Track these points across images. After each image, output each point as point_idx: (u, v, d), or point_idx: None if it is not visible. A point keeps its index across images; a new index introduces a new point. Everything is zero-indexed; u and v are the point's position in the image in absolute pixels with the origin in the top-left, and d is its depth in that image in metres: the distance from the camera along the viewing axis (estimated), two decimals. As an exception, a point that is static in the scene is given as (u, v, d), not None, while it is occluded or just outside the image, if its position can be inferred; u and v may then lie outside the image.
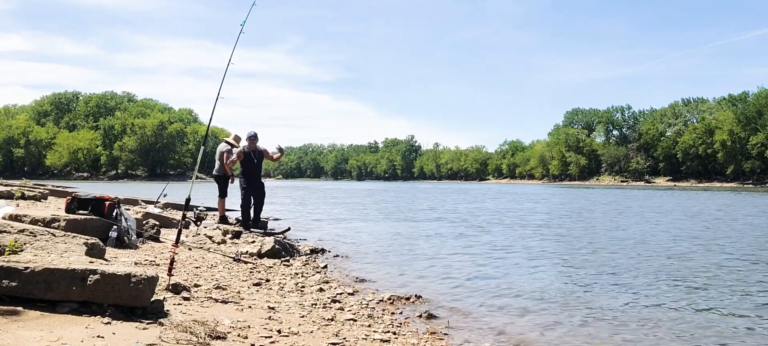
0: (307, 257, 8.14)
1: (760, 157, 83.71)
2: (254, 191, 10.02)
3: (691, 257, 8.82)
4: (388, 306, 5.39)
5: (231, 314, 4.22)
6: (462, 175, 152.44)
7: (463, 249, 9.77)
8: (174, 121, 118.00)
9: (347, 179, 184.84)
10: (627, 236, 11.78)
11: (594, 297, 5.97)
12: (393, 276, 7.14)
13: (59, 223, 6.23)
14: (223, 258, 7.09)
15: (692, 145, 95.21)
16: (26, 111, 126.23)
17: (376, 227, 13.98)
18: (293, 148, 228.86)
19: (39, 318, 3.25)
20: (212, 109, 5.92)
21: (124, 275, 3.56)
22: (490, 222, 15.55)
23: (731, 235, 12.04)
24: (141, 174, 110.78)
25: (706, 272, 7.42)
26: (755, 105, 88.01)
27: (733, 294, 6.12)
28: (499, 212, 20.26)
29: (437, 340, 4.39)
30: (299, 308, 4.91)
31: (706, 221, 15.73)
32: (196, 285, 5.10)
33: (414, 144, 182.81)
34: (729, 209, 21.82)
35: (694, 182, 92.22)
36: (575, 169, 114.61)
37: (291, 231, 11.37)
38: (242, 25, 6.22)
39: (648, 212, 20.29)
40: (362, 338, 4.11)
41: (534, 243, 10.67)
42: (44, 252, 4.63)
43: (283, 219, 15.61)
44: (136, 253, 6.50)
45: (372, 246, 10.13)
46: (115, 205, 7.03)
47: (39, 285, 3.41)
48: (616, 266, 7.93)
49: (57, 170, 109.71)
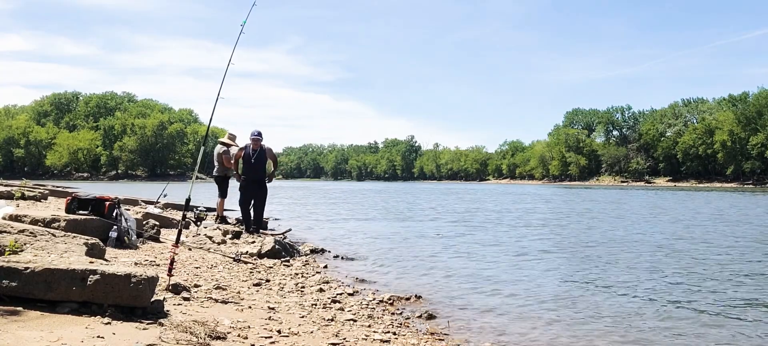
0: (307, 257, 8.14)
1: (760, 158, 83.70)
2: (254, 191, 9.83)
3: (692, 256, 8.81)
4: (388, 306, 5.39)
5: (231, 315, 4.22)
6: (462, 175, 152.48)
7: (463, 249, 9.77)
8: (174, 122, 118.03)
9: (347, 180, 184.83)
10: (627, 236, 11.78)
11: (595, 297, 5.97)
12: (393, 276, 7.14)
13: (59, 223, 6.23)
14: (223, 258, 7.09)
15: (692, 146, 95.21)
16: (26, 111, 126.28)
17: (376, 228, 13.98)
18: (293, 149, 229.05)
19: (39, 318, 3.25)
20: (212, 109, 5.92)
21: (124, 275, 3.56)
22: (490, 222, 15.55)
23: (733, 234, 12.04)
24: (141, 174, 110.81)
25: (708, 271, 7.42)
26: (755, 105, 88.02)
27: (734, 293, 6.12)
28: (499, 212, 20.26)
29: (437, 340, 4.38)
30: (299, 308, 4.91)
31: (710, 220, 15.73)
32: (196, 285, 5.10)
33: (414, 144, 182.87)
34: (732, 208, 21.82)
35: (694, 183, 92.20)
36: (575, 169, 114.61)
37: (291, 231, 11.38)
38: (242, 26, 6.20)
39: (648, 212, 20.29)
40: (362, 339, 4.11)
41: (534, 243, 10.67)
42: (44, 252, 4.63)
43: (283, 219, 15.62)
44: (136, 253, 6.50)
45: (372, 246, 10.13)
46: (115, 205, 7.02)
47: (39, 285, 3.41)
48: (617, 266, 7.93)
49: (57, 170, 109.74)
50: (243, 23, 6.21)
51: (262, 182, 9.86)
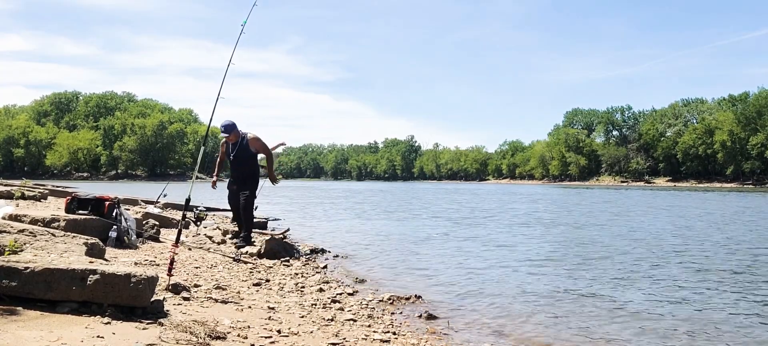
0: (307, 257, 8.14)
1: (760, 158, 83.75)
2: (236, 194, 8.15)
3: (693, 256, 8.81)
4: (388, 306, 5.39)
5: (231, 314, 4.22)
6: (462, 175, 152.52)
7: (463, 249, 9.76)
8: (174, 121, 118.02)
9: (347, 179, 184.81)
10: (627, 235, 11.78)
11: (596, 296, 5.97)
12: (393, 276, 7.14)
13: (59, 223, 6.22)
14: (223, 258, 7.09)
15: (692, 146, 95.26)
16: (26, 111, 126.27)
17: (376, 227, 13.97)
18: (293, 148, 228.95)
19: (39, 318, 3.24)
20: (212, 109, 5.92)
21: (124, 275, 3.56)
22: (490, 222, 15.55)
23: (734, 233, 12.05)
24: (141, 174, 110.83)
25: (709, 270, 7.42)
26: (755, 105, 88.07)
27: (732, 293, 6.12)
28: (500, 212, 20.26)
29: (437, 340, 4.38)
30: (299, 308, 4.91)
31: (712, 220, 15.74)
32: (195, 285, 5.10)
33: (414, 144, 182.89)
34: (743, 210, 21.81)
35: (693, 183, 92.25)
36: (575, 169, 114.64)
37: (291, 231, 11.36)
38: (243, 26, 6.20)
39: (649, 212, 20.29)
40: (362, 338, 4.11)
41: (535, 243, 10.66)
42: (44, 252, 4.63)
43: (282, 219, 15.62)
44: (135, 253, 6.49)
45: (372, 246, 10.12)
46: (114, 205, 7.02)
47: (39, 285, 3.41)
48: (618, 265, 7.92)
49: (57, 170, 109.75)
50: (243, 23, 6.20)
51: (246, 181, 8.09)
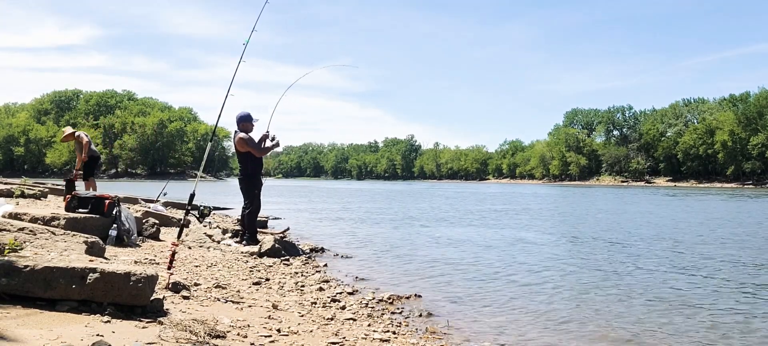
0: (307, 256, 8.13)
1: (761, 158, 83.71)
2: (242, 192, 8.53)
3: (694, 255, 8.81)
4: (387, 305, 5.38)
5: (231, 313, 4.22)
6: (462, 175, 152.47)
7: (463, 248, 9.76)
8: (174, 120, 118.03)
9: (347, 179, 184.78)
10: (628, 234, 11.77)
11: (596, 296, 5.96)
12: (393, 275, 7.14)
13: (59, 221, 6.22)
14: (222, 257, 7.08)
15: (693, 146, 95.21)
16: (26, 109, 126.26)
17: (375, 226, 13.97)
18: (293, 148, 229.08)
19: (38, 316, 3.24)
20: (220, 108, 5.99)
21: (124, 273, 3.55)
22: (490, 221, 15.55)
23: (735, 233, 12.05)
24: (141, 173, 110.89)
25: (711, 268, 7.42)
26: (756, 105, 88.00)
27: (732, 292, 6.12)
28: (500, 211, 20.25)
29: (437, 339, 4.38)
30: (299, 307, 4.91)
31: (714, 221, 15.73)
32: (195, 284, 5.09)
33: (414, 144, 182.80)
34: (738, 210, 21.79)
35: (694, 183, 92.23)
36: (575, 169, 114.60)
37: (290, 230, 11.36)
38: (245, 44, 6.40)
39: (649, 211, 20.28)
40: (362, 338, 4.11)
41: (535, 243, 10.66)
42: (44, 250, 4.62)
43: (282, 218, 15.62)
44: (135, 251, 6.49)
45: (372, 245, 10.12)
46: (114, 203, 7.01)
47: (38, 283, 3.40)
48: (618, 264, 7.92)
49: (57, 169, 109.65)
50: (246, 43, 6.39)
51: (242, 179, 8.43)
